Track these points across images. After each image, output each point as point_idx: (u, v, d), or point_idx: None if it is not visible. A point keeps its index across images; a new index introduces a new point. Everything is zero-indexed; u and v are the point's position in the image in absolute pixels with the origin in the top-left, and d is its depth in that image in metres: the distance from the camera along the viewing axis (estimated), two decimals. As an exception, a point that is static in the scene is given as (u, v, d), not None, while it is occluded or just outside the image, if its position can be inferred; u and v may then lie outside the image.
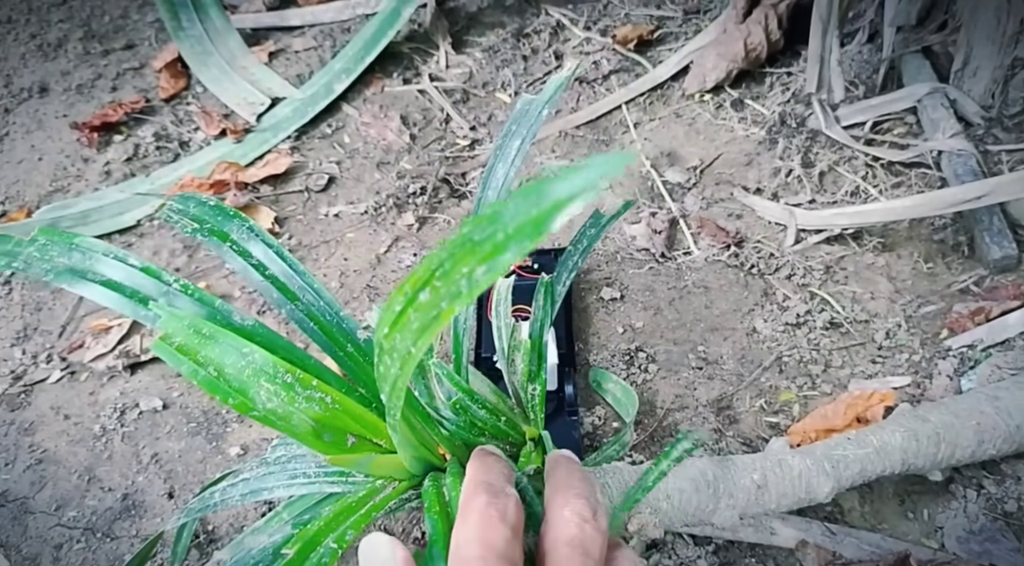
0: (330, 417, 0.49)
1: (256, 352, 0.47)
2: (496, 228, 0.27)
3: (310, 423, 0.48)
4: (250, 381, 0.46)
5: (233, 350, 0.46)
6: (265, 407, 0.46)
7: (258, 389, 0.46)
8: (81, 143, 1.36)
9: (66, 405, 0.99)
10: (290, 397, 0.47)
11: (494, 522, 0.39)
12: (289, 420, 0.48)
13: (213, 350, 0.46)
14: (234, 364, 0.46)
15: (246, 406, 0.46)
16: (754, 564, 0.79)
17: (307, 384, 0.48)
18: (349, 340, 0.65)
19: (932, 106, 1.15)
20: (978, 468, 0.83)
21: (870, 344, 0.97)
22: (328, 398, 0.49)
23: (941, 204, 0.96)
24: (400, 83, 1.45)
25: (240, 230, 0.64)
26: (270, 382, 0.47)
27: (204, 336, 0.46)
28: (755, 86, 1.35)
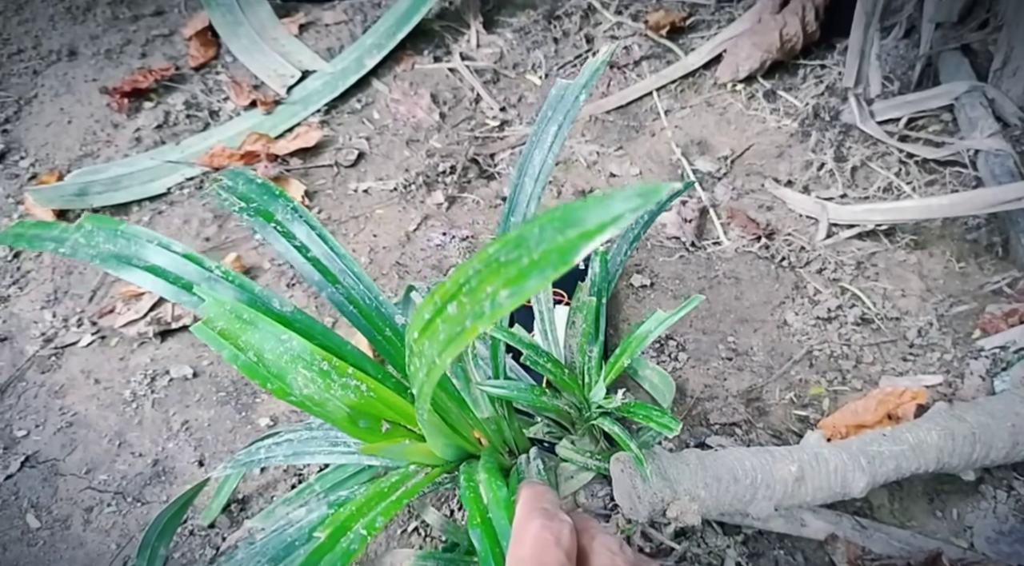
0: (365, 404, 0.50)
1: (294, 339, 0.48)
2: (521, 252, 0.27)
3: (345, 410, 0.49)
4: (288, 367, 0.47)
5: (272, 336, 0.47)
6: (302, 393, 0.47)
7: (295, 375, 0.47)
8: (111, 108, 1.35)
9: (96, 369, 0.99)
10: (326, 384, 0.48)
11: (549, 546, 0.39)
12: (325, 406, 0.48)
13: (253, 336, 0.47)
14: (273, 349, 0.47)
15: (284, 391, 0.47)
16: (783, 555, 0.79)
17: (343, 372, 0.49)
18: (388, 324, 0.65)
19: (970, 105, 1.15)
20: (1008, 470, 0.83)
21: (901, 341, 0.97)
22: (363, 386, 0.50)
23: (980, 204, 0.96)
24: (431, 61, 1.44)
25: (285, 211, 0.64)
26: (307, 369, 0.48)
27: (245, 322, 0.47)
28: (788, 78, 1.34)
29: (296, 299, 1.07)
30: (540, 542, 0.40)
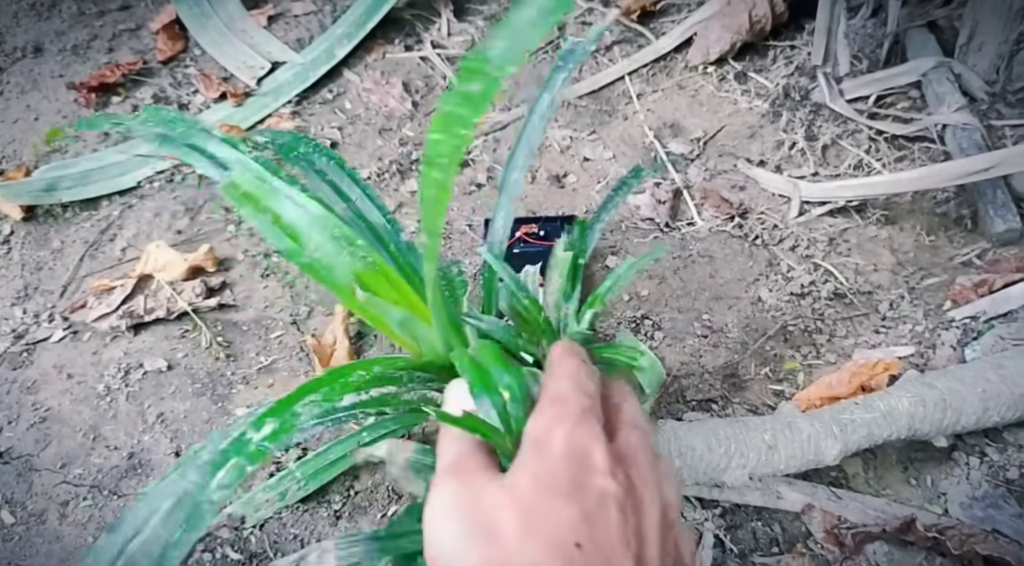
0: (370, 276, 0.51)
1: (311, 204, 0.49)
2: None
3: (351, 278, 0.50)
4: (303, 230, 0.48)
5: (290, 201, 0.49)
6: (312, 256, 0.49)
7: (308, 237, 0.48)
8: (78, 104, 1.34)
9: (69, 364, 0.98)
10: (336, 248, 0.49)
11: (583, 375, 0.41)
12: (332, 271, 0.50)
13: (273, 200, 0.49)
14: (291, 213, 0.48)
15: (296, 251, 0.49)
16: (760, 527, 0.80)
17: (353, 241, 0.50)
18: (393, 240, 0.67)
19: (937, 80, 1.16)
20: (980, 436, 0.84)
21: (874, 315, 0.98)
22: (370, 258, 0.50)
23: (948, 176, 0.97)
24: (402, 50, 1.44)
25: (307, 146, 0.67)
26: (320, 233, 0.49)
27: (268, 187, 0.49)
28: (758, 59, 1.35)
29: (271, 290, 1.06)
30: (578, 370, 0.41)
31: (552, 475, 0.36)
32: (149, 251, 1.07)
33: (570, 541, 0.33)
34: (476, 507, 0.35)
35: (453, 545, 0.34)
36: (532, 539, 0.33)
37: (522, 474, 0.36)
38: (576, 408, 0.39)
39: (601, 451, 0.37)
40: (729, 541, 0.78)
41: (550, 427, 0.38)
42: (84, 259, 1.11)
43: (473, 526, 0.35)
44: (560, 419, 0.38)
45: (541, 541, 0.33)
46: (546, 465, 0.36)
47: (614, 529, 0.35)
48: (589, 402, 0.40)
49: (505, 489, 0.36)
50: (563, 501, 0.34)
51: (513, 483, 0.36)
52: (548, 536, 0.33)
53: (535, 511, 0.34)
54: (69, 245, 1.13)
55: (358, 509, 0.83)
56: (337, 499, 0.84)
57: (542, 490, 0.35)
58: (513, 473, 0.37)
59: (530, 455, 0.37)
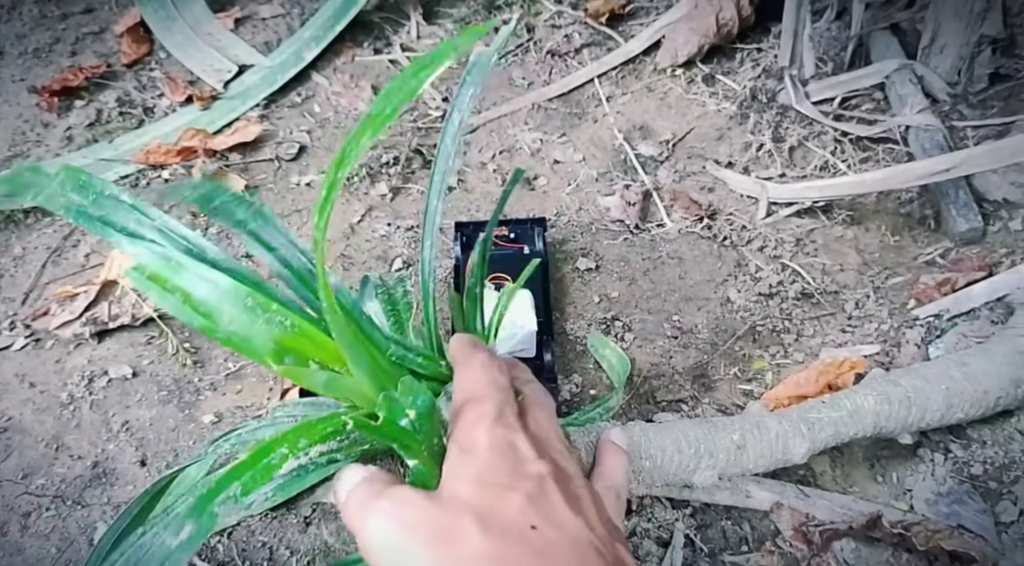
0: (291, 340, 0.50)
1: (220, 278, 0.48)
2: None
3: (271, 345, 0.49)
4: (214, 306, 0.47)
5: (198, 278, 0.48)
6: (227, 328, 0.48)
7: (221, 312, 0.47)
8: (41, 108, 1.32)
9: (31, 373, 0.97)
10: (251, 318, 0.48)
11: (495, 370, 0.43)
12: (251, 342, 0.49)
13: (181, 278, 0.47)
14: (198, 290, 0.48)
15: (210, 329, 0.47)
16: (730, 526, 0.80)
17: (268, 307, 0.49)
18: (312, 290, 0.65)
19: (900, 82, 1.18)
20: (945, 433, 0.85)
21: (840, 314, 0.99)
22: (288, 322, 0.50)
23: (911, 176, 0.98)
24: (371, 53, 1.43)
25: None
26: (232, 305, 0.48)
27: (173, 266, 0.48)
28: (726, 61, 1.36)
29: (238, 295, 1.05)
30: (489, 365, 0.44)
31: (488, 472, 0.38)
32: (113, 257, 1.05)
33: (525, 525, 0.35)
34: (425, 519, 0.36)
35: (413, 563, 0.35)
36: (491, 534, 0.34)
37: (459, 480, 0.38)
38: (492, 406, 0.41)
39: (523, 441, 0.40)
40: (699, 540, 0.79)
41: (471, 429, 0.40)
42: (46, 265, 1.09)
43: (426, 536, 0.35)
44: (479, 420, 0.40)
45: (500, 533, 0.35)
46: (479, 465, 0.38)
47: (558, 503, 0.38)
48: (503, 396, 0.43)
49: (447, 498, 0.37)
50: (506, 492, 0.37)
51: (453, 490, 0.38)
52: (505, 527, 0.35)
53: (483, 509, 0.36)
54: (31, 251, 1.11)
55: (328, 515, 0.82)
56: (306, 506, 0.83)
57: (484, 488, 0.37)
58: (449, 482, 0.38)
59: (460, 460, 0.39)
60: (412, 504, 0.37)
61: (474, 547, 0.34)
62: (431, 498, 0.37)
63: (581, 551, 0.36)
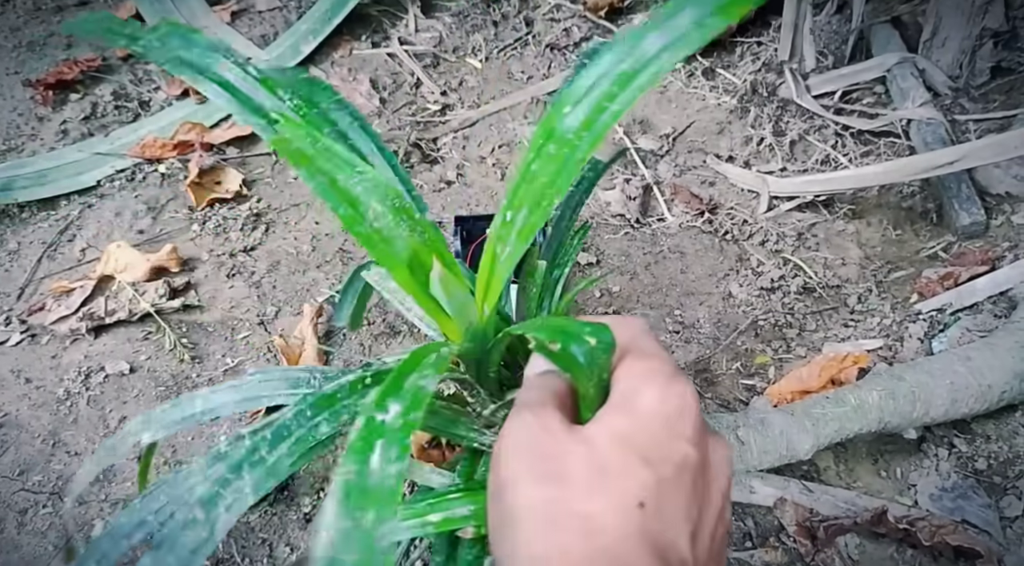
0: (427, 250, 0.48)
1: (369, 171, 0.46)
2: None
3: (409, 251, 0.47)
4: (362, 197, 0.45)
5: (347, 165, 0.45)
6: (372, 225, 0.45)
7: (368, 206, 0.45)
8: (35, 101, 1.30)
9: (27, 368, 0.96)
10: (396, 220, 0.46)
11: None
12: (392, 244, 0.46)
13: (327, 163, 0.45)
14: (346, 179, 0.45)
15: (355, 220, 0.45)
16: (734, 521, 0.80)
17: (410, 214, 0.47)
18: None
19: (901, 76, 1.17)
20: (949, 428, 0.85)
21: (842, 308, 0.98)
22: (427, 235, 0.48)
23: (914, 170, 0.98)
24: (369, 46, 1.42)
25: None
26: (380, 203, 0.46)
27: (319, 148, 0.45)
28: (726, 55, 1.35)
29: (237, 290, 1.04)
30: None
31: (635, 436, 0.35)
32: (110, 251, 1.04)
33: (635, 501, 0.33)
34: (550, 448, 0.35)
35: (519, 478, 0.34)
36: (599, 491, 0.33)
37: (603, 429, 0.35)
38: (670, 366, 0.37)
39: (692, 416, 0.36)
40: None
41: (642, 382, 0.36)
42: (42, 260, 1.08)
43: (543, 465, 0.34)
44: (653, 375, 0.36)
45: (607, 495, 0.33)
46: (631, 425, 0.35)
47: (682, 499, 0.34)
48: (671, 358, 0.38)
49: (582, 440, 0.35)
50: (640, 464, 0.34)
51: (594, 435, 0.35)
52: (615, 494, 0.33)
53: (608, 468, 0.33)
54: (26, 246, 1.10)
55: (328, 512, 0.81)
56: (307, 501, 0.82)
57: (621, 449, 0.34)
58: (596, 424, 0.36)
59: (617, 409, 0.36)
60: (549, 431, 0.36)
61: (573, 493, 0.33)
62: (570, 433, 0.35)
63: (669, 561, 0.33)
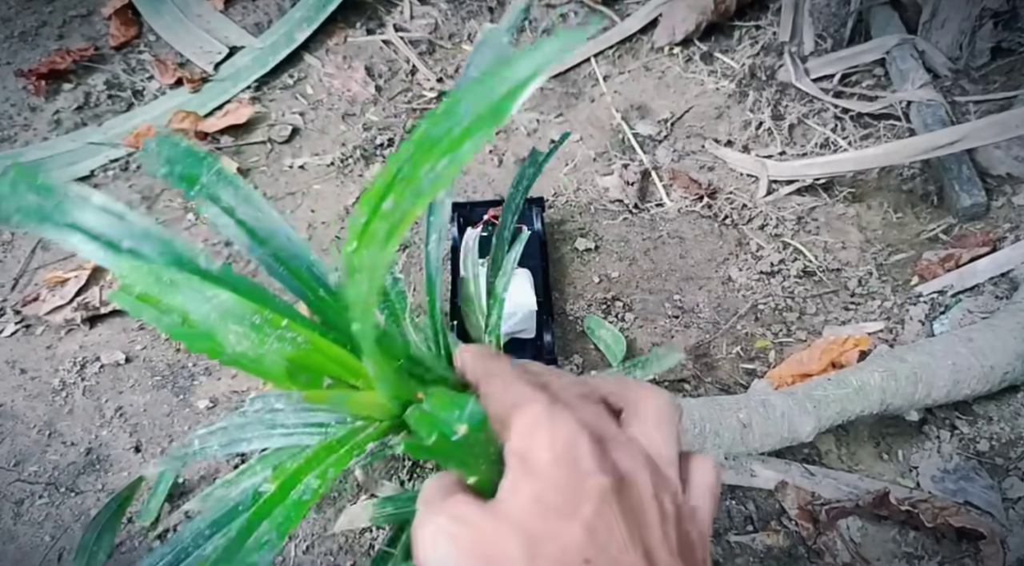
0: (304, 356, 0.47)
1: (222, 294, 0.44)
2: (452, 123, 0.26)
3: (283, 364, 0.46)
4: (217, 325, 0.44)
5: (196, 295, 0.44)
6: (235, 350, 0.44)
7: (226, 333, 0.44)
8: (28, 91, 1.29)
9: (22, 359, 0.95)
10: (260, 338, 0.45)
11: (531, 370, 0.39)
12: (261, 362, 0.45)
13: (175, 297, 0.44)
14: (198, 309, 0.44)
15: (215, 351, 0.44)
16: (735, 505, 0.79)
17: (276, 323, 0.45)
18: (321, 285, 0.62)
19: (901, 57, 1.16)
20: (951, 409, 0.84)
21: (843, 292, 0.98)
22: (300, 338, 0.46)
23: (915, 151, 0.97)
24: (364, 33, 1.41)
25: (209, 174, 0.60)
26: (238, 324, 0.44)
27: (165, 283, 0.44)
28: (724, 39, 1.34)
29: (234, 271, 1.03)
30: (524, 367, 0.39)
31: (546, 492, 0.34)
32: (104, 241, 1.03)
33: (578, 559, 0.32)
34: (473, 539, 0.34)
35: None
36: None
37: (514, 497, 0.34)
38: (542, 407, 0.36)
39: (585, 444, 0.35)
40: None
41: (527, 437, 0.36)
42: (36, 251, 1.07)
43: (472, 560, 0.33)
44: (534, 424, 0.36)
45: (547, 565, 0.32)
46: (538, 482, 0.34)
47: (617, 534, 0.33)
48: (548, 395, 0.37)
49: (501, 516, 0.34)
50: (564, 521, 0.33)
51: (508, 509, 0.34)
52: (556, 561, 0.32)
53: (537, 537, 0.33)
54: (20, 237, 1.09)
55: (327, 501, 0.81)
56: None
57: (540, 512, 0.33)
58: (505, 497, 0.35)
59: (518, 473, 0.35)
60: (465, 521, 0.34)
61: None
62: (485, 514, 0.34)
63: None
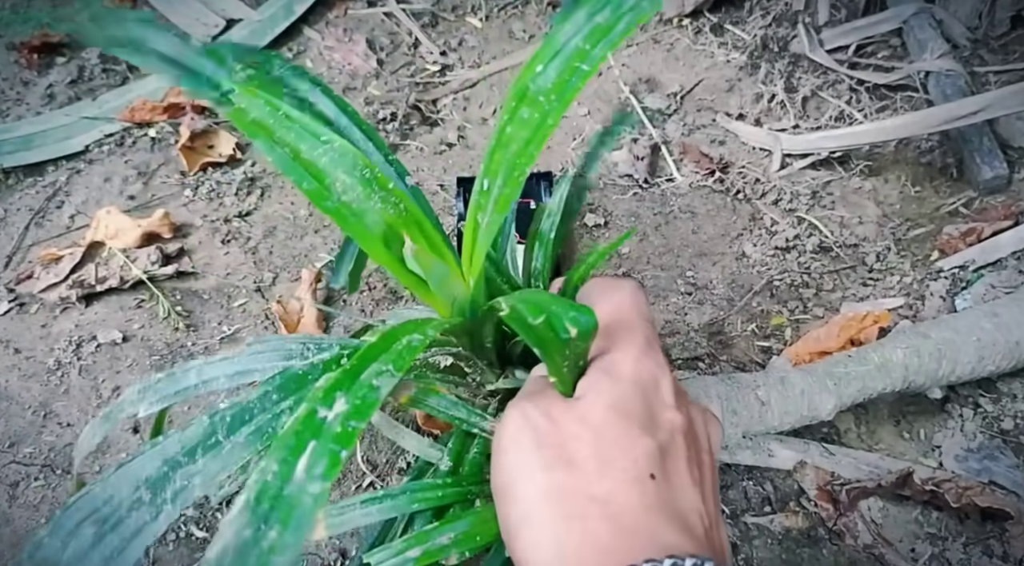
0: (402, 222, 0.44)
1: (336, 140, 0.42)
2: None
3: (382, 225, 0.43)
4: (328, 169, 0.41)
5: (310, 135, 0.41)
6: (340, 199, 0.41)
7: (335, 178, 0.41)
8: (20, 65, 1.26)
9: (16, 338, 0.92)
10: (367, 192, 0.42)
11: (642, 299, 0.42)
12: (363, 218, 0.42)
13: (288, 133, 0.41)
14: (310, 150, 0.41)
15: (321, 194, 0.41)
16: (752, 486, 0.77)
17: (384, 184, 0.43)
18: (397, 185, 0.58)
19: (919, 27, 1.13)
20: (974, 387, 0.82)
21: (860, 267, 0.95)
22: (402, 204, 0.44)
23: (934, 121, 0.94)
24: (364, 5, 1.37)
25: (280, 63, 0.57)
26: (348, 174, 0.42)
27: (279, 116, 0.41)
28: (735, 10, 1.31)
29: (232, 256, 1.01)
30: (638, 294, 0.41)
31: (626, 404, 0.35)
32: (99, 217, 1.00)
33: (645, 473, 0.33)
34: (551, 432, 0.35)
35: (526, 469, 0.34)
36: (609, 470, 0.33)
37: (596, 400, 0.35)
38: (641, 335, 0.38)
39: (667, 383, 0.37)
40: (720, 502, 0.75)
41: (617, 355, 0.37)
42: (29, 227, 1.04)
43: (548, 451, 0.34)
44: (627, 347, 0.37)
45: (618, 472, 0.33)
46: (619, 392, 0.35)
47: (682, 462, 0.35)
48: (651, 328, 0.39)
49: (580, 416, 0.35)
50: (639, 432, 0.34)
51: (588, 410, 0.35)
52: (626, 468, 0.33)
53: (612, 442, 0.34)
54: (13, 213, 1.06)
55: (331, 481, 0.79)
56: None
57: (619, 420, 0.34)
58: (586, 398, 0.36)
59: (602, 380, 0.36)
60: (548, 414, 0.36)
61: (585, 475, 0.33)
62: (567, 411, 0.35)
63: (690, 523, 0.33)
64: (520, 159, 0.38)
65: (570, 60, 0.38)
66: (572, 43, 0.38)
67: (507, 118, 0.40)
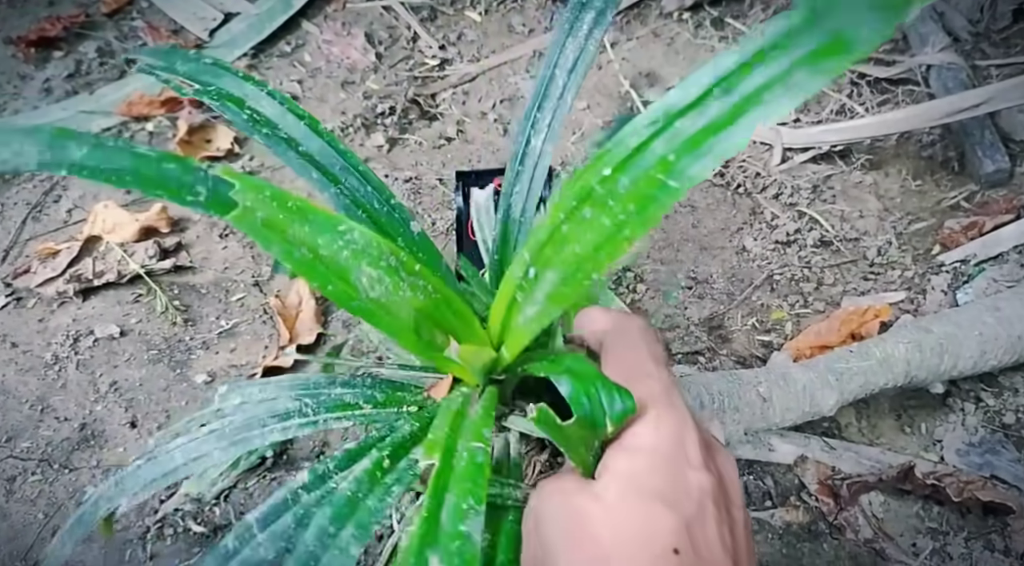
0: (432, 308, 0.40)
1: (355, 230, 0.37)
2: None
3: (412, 314, 0.40)
4: (350, 264, 0.37)
5: (327, 227, 0.37)
6: (368, 296, 0.38)
7: (360, 273, 0.37)
8: (17, 59, 1.25)
9: (13, 333, 0.92)
10: (395, 283, 0.38)
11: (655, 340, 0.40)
12: (390, 311, 0.39)
13: (302, 228, 0.36)
14: (328, 244, 0.37)
15: (347, 294, 0.37)
16: (752, 481, 0.76)
17: (411, 268, 0.39)
18: (400, 232, 0.54)
19: (920, 20, 1.12)
20: (975, 381, 0.81)
21: (862, 261, 0.95)
22: (430, 286, 0.40)
23: (936, 115, 0.94)
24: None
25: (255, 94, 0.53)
26: (373, 266, 0.38)
27: (290, 210, 0.36)
28: (735, 4, 1.30)
29: (230, 250, 1.00)
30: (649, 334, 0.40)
31: (646, 479, 0.33)
32: (97, 212, 1.00)
33: (669, 548, 0.31)
34: (573, 516, 0.33)
35: (552, 552, 0.33)
36: (632, 553, 0.31)
37: (612, 480, 0.33)
38: (659, 386, 0.35)
39: (693, 438, 0.34)
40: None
41: (638, 427, 0.34)
42: (27, 221, 1.04)
43: (572, 536, 0.32)
44: (645, 407, 0.34)
45: (642, 554, 0.31)
46: (637, 467, 0.33)
47: (713, 529, 0.33)
48: (668, 374, 0.36)
49: (595, 496, 0.33)
50: (661, 508, 0.32)
51: (603, 491, 0.33)
52: (649, 549, 0.31)
53: (630, 520, 0.32)
54: (10, 207, 1.06)
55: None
56: (306, 466, 0.79)
57: (637, 498, 0.32)
58: (602, 479, 0.34)
59: (619, 458, 0.34)
60: (567, 492, 0.34)
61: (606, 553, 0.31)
62: (584, 491, 0.34)
63: None
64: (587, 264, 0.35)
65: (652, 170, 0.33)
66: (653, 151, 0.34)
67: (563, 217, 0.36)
